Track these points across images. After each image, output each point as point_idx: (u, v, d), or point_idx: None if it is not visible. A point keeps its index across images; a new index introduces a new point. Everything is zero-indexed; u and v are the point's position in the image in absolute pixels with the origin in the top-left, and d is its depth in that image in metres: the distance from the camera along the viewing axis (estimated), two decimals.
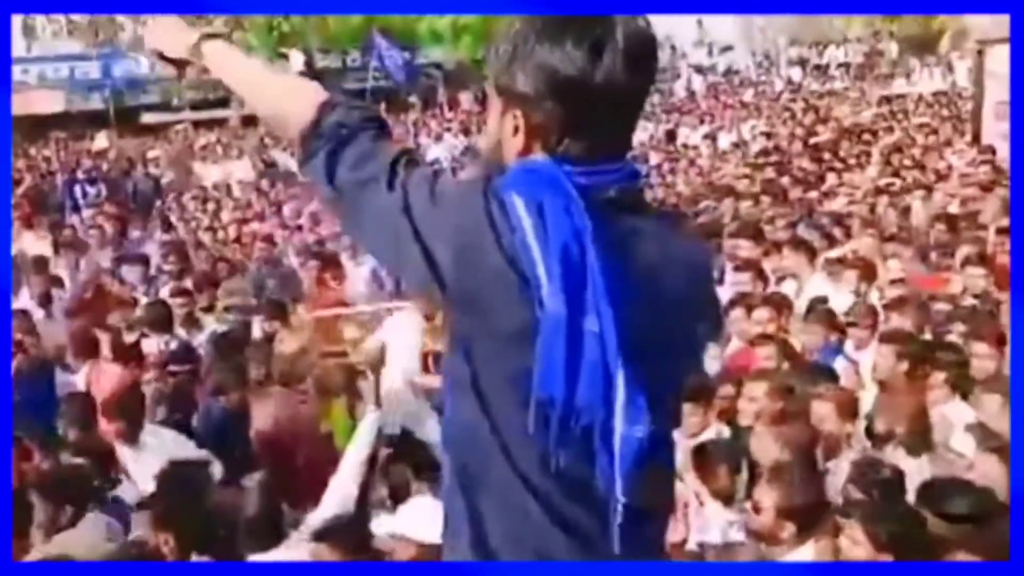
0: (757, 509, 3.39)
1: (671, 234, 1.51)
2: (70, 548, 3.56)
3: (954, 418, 4.13)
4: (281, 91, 1.62)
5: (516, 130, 1.45)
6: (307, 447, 5.10)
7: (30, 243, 9.48)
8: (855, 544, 2.91)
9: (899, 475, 3.50)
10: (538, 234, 1.35)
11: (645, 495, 1.40)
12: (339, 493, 3.97)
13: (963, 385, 4.30)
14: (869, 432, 4.15)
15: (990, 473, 3.36)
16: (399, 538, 3.38)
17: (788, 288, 6.34)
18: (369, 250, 1.42)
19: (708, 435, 4.31)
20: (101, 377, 5.60)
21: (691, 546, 3.74)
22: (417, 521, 3.39)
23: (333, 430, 6.44)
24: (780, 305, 5.46)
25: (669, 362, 1.44)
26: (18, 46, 26.55)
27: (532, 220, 1.36)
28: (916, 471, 3.62)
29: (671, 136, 19.32)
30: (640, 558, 1.46)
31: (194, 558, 3.47)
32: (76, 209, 14.57)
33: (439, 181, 1.44)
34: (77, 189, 15.77)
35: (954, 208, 8.55)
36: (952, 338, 4.89)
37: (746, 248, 7.01)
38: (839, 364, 4.93)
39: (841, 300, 5.76)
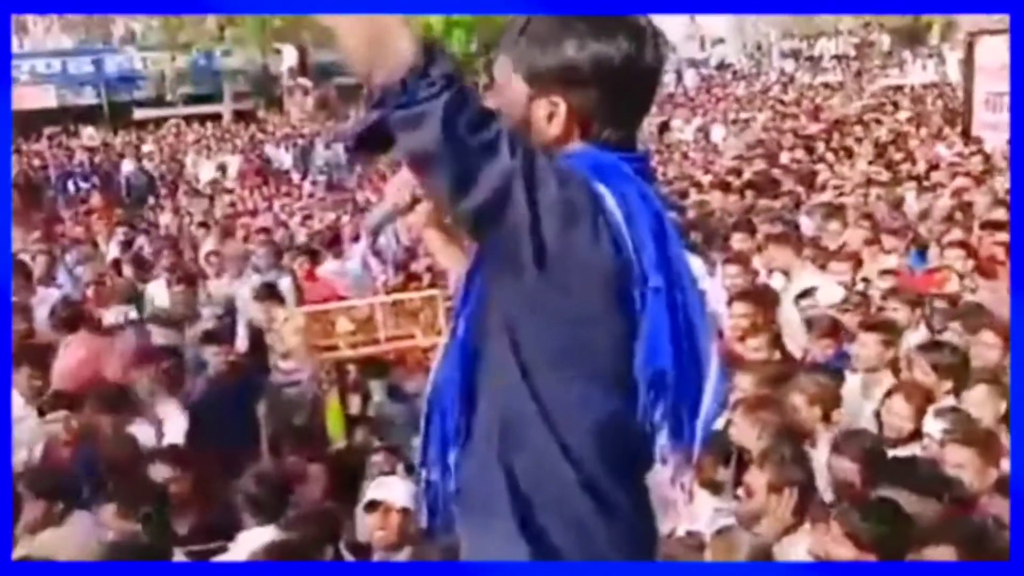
0: (749, 493, 3.42)
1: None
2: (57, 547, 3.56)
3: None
4: (377, 27, 1.34)
5: (551, 116, 1.48)
6: None
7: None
8: (840, 540, 2.95)
9: (880, 447, 3.58)
10: (628, 221, 1.41)
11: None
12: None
13: (957, 377, 4.34)
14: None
15: (958, 460, 3.41)
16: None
17: (777, 282, 6.37)
18: (465, 211, 1.35)
19: None
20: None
21: (680, 534, 3.77)
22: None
23: (327, 422, 6.50)
24: (765, 298, 5.47)
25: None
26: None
27: (622, 210, 1.41)
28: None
29: (663, 129, 19.36)
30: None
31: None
32: (69, 204, 14.56)
33: (552, 158, 1.42)
34: (70, 184, 15.76)
35: (946, 200, 8.59)
36: (947, 333, 4.92)
37: (737, 240, 7.04)
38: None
39: (831, 292, 5.79)
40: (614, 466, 1.48)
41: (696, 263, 6.65)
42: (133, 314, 6.57)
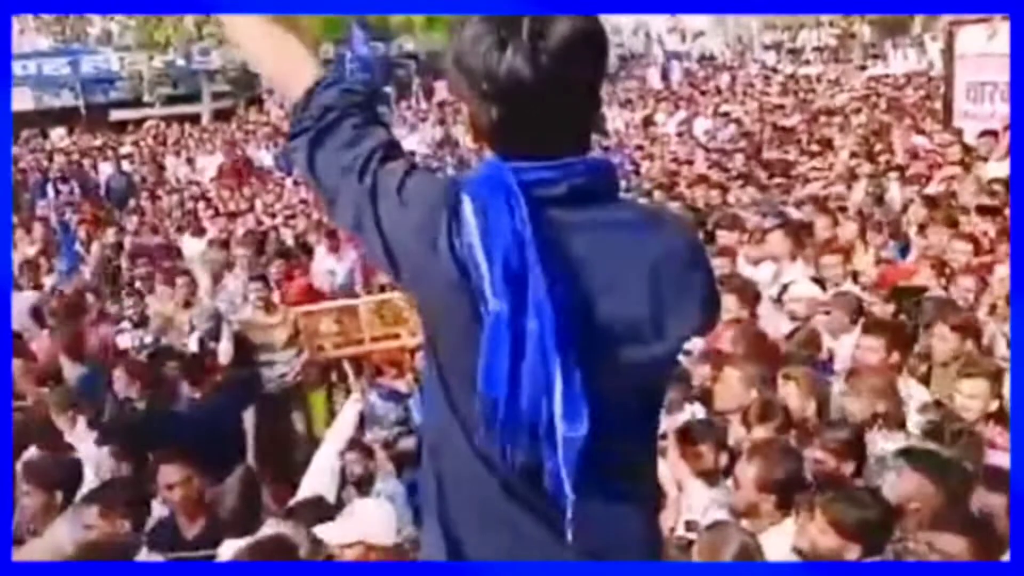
0: (738, 485, 3.39)
1: (644, 226, 1.45)
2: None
3: (912, 398, 4.21)
4: (283, 61, 1.61)
5: (471, 120, 1.46)
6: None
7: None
8: (824, 528, 2.93)
9: (860, 438, 3.58)
10: (483, 234, 1.35)
11: (596, 493, 1.40)
12: (319, 476, 4.03)
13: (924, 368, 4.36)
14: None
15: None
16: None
17: (765, 272, 6.36)
18: (346, 233, 1.52)
19: (683, 416, 4.33)
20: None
21: (679, 531, 3.75)
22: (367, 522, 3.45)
23: (312, 419, 6.47)
24: (747, 291, 5.47)
25: (620, 360, 1.41)
26: None
27: (478, 220, 1.36)
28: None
29: (647, 123, 19.33)
30: (599, 551, 1.46)
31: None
32: (51, 207, 14.39)
33: (410, 177, 1.46)
34: (49, 187, 15.59)
35: (931, 189, 8.59)
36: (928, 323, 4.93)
37: (724, 236, 7.03)
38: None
39: (807, 288, 5.78)
40: (528, 479, 1.42)
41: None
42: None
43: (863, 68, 25.84)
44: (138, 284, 7.65)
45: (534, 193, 1.38)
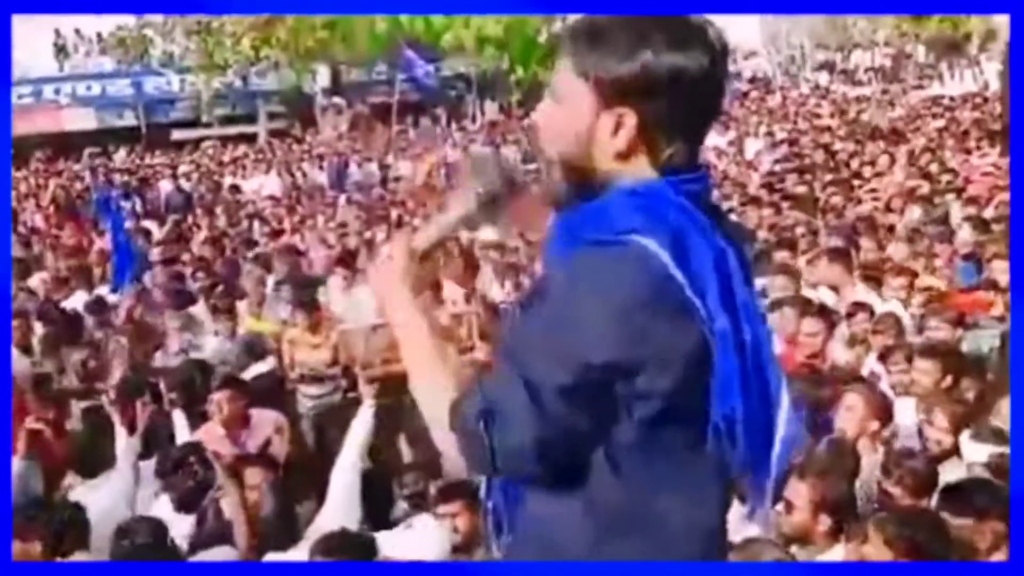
0: (790, 508, 3.26)
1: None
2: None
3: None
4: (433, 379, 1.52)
5: (618, 128, 1.42)
6: None
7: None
8: (879, 547, 2.88)
9: (933, 469, 3.48)
10: (683, 266, 1.35)
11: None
12: (340, 497, 4.03)
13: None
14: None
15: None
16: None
17: (823, 296, 6.28)
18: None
19: None
20: None
21: None
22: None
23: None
24: (826, 315, 5.38)
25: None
26: (50, 65, 27.06)
27: (672, 254, 1.35)
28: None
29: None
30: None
31: None
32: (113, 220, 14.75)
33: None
34: (112, 205, 15.97)
35: (989, 212, 8.43)
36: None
37: (784, 256, 6.97)
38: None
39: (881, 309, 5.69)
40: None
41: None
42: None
43: (918, 88, 25.51)
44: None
45: (700, 201, 1.43)
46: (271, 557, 3.61)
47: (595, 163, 1.44)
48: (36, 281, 8.96)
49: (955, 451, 3.75)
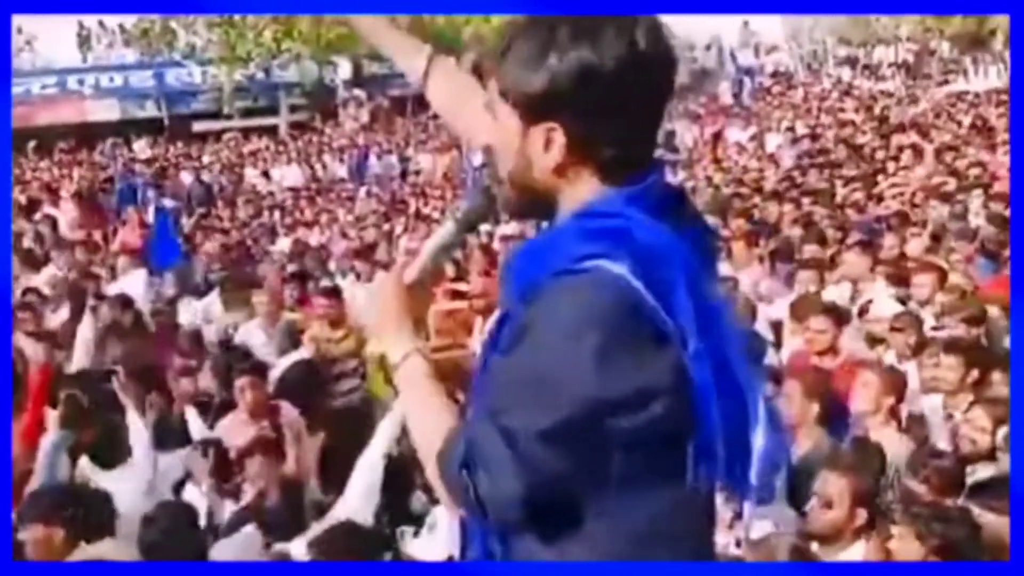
0: (828, 504, 3.21)
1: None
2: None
3: None
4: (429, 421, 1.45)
5: (548, 144, 1.33)
6: None
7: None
8: (906, 544, 2.87)
9: (961, 469, 3.45)
10: (652, 287, 1.26)
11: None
12: (361, 486, 4.05)
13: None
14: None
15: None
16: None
17: (843, 291, 6.24)
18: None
19: None
20: None
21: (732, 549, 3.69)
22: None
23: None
24: (838, 314, 5.35)
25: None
26: (73, 56, 27.25)
27: (638, 276, 1.25)
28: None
29: (717, 138, 19.19)
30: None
31: None
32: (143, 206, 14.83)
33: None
34: (137, 195, 16.09)
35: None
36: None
37: (810, 251, 6.93)
38: None
39: (886, 306, 5.66)
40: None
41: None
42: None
43: (944, 84, 25.27)
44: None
45: (671, 208, 1.35)
46: (279, 547, 3.63)
47: (536, 181, 1.37)
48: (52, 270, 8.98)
49: (992, 450, 3.70)
